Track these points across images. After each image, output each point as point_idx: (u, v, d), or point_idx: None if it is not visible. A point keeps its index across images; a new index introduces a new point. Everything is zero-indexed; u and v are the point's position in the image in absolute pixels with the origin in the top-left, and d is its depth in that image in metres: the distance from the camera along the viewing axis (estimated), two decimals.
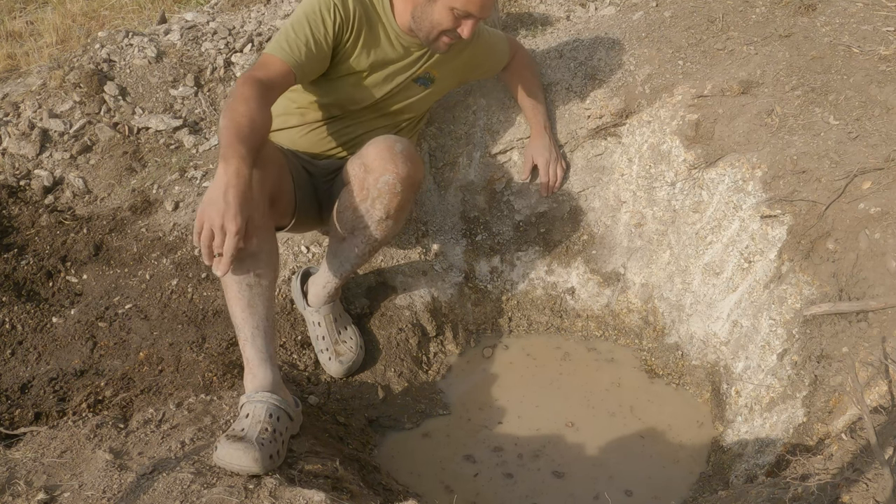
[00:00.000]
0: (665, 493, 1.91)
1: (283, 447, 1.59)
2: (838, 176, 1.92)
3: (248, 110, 1.64)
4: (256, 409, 1.58)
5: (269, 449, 1.52)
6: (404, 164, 1.83)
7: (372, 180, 1.83)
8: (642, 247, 2.41)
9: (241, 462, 1.47)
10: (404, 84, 2.10)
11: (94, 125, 2.64)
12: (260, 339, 1.65)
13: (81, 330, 2.12)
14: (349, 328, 2.17)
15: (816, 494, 1.33)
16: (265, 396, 1.61)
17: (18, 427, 1.80)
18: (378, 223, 1.89)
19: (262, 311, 1.66)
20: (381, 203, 1.85)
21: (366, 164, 1.85)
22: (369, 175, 1.84)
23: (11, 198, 2.47)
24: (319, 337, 2.12)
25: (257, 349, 1.65)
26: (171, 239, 2.37)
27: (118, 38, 2.86)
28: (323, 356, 2.12)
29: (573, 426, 2.10)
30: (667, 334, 2.31)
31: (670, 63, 2.42)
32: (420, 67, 2.10)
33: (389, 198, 1.84)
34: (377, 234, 1.92)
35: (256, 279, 1.65)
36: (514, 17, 2.91)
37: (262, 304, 1.66)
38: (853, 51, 2.28)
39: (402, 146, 1.86)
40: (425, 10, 1.92)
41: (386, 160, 1.82)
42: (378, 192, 1.84)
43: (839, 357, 1.72)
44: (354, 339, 2.15)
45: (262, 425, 1.55)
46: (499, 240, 2.50)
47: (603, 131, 2.46)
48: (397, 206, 1.86)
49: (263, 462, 1.48)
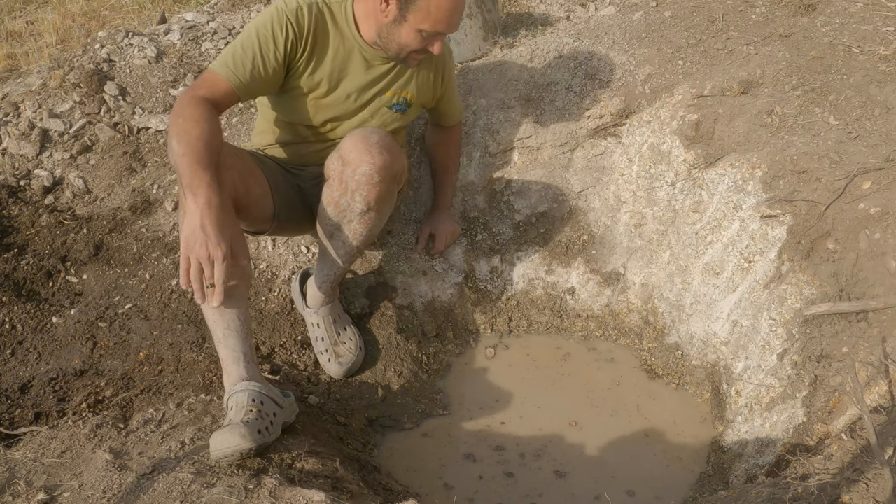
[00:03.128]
0: (666, 493, 1.91)
1: (274, 426, 1.58)
2: (838, 176, 1.92)
3: (202, 132, 1.60)
4: (238, 398, 1.59)
5: (255, 425, 1.51)
6: (380, 154, 1.81)
7: (349, 172, 1.82)
8: (642, 247, 2.41)
9: (230, 443, 1.47)
10: (378, 110, 2.04)
11: (94, 125, 2.64)
12: (232, 338, 1.66)
13: (81, 330, 2.12)
14: (349, 329, 2.17)
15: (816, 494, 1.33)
16: (243, 385, 1.61)
17: (18, 427, 1.80)
18: (360, 216, 1.88)
19: (232, 312, 1.66)
20: (360, 195, 1.84)
21: (342, 157, 1.84)
22: (346, 168, 1.83)
23: (11, 198, 2.47)
24: (319, 338, 2.12)
25: (230, 349, 1.66)
26: (171, 239, 2.37)
27: (118, 38, 2.86)
28: (322, 357, 2.12)
29: (576, 425, 2.10)
30: (667, 334, 2.31)
31: (670, 63, 2.42)
32: (387, 85, 2.02)
33: (368, 189, 1.83)
34: (361, 228, 1.91)
35: None
36: (514, 17, 2.91)
37: (232, 304, 1.66)
38: (853, 51, 2.28)
39: (378, 137, 1.84)
40: (392, 31, 1.87)
41: (361, 151, 1.81)
42: (356, 184, 1.83)
43: (839, 357, 1.72)
44: (354, 339, 2.15)
45: (246, 409, 1.55)
46: (499, 240, 2.50)
47: (603, 131, 2.46)
48: (377, 196, 1.85)
49: (252, 436, 1.48)
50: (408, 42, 1.88)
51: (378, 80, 2.01)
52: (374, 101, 2.03)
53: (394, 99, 2.05)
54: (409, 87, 2.07)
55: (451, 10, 1.83)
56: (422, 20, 1.82)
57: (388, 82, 2.03)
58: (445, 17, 1.83)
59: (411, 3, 1.80)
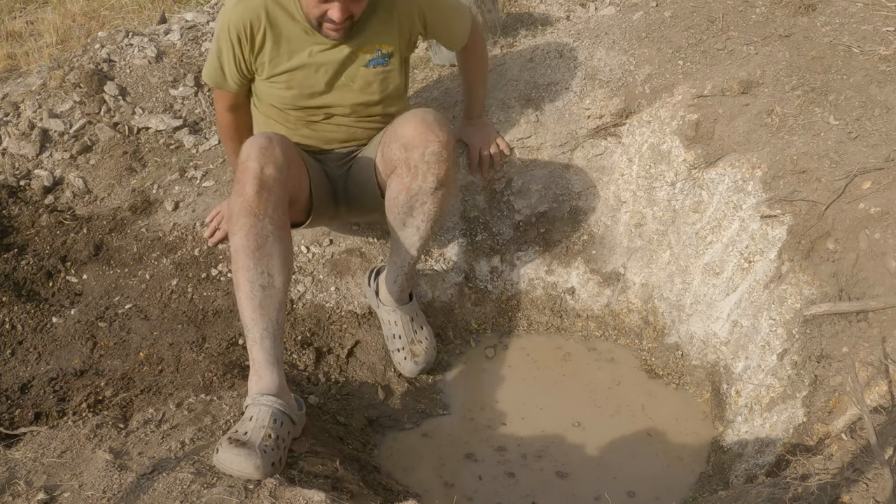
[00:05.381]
0: (667, 493, 1.91)
1: (285, 453, 1.59)
2: (838, 176, 1.92)
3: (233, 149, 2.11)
4: (261, 413, 1.57)
5: (271, 456, 1.50)
6: (441, 130, 1.86)
7: (418, 155, 1.86)
8: (642, 247, 2.41)
9: (242, 468, 1.46)
10: (356, 74, 2.00)
11: (94, 125, 2.64)
12: (269, 341, 1.64)
13: (81, 330, 2.12)
14: (425, 328, 2.19)
15: (816, 494, 1.33)
16: (270, 401, 1.59)
17: (18, 427, 1.80)
18: (433, 194, 1.91)
19: (272, 314, 1.65)
20: (432, 174, 1.87)
21: (405, 144, 1.87)
22: (413, 152, 1.86)
23: (11, 198, 2.47)
24: (396, 336, 2.13)
25: (265, 351, 1.64)
26: (171, 239, 2.37)
27: (118, 38, 2.86)
28: (398, 355, 2.13)
29: (579, 426, 2.10)
30: (667, 334, 2.31)
31: (670, 63, 2.42)
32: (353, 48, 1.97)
33: (438, 166, 1.87)
34: (434, 208, 1.94)
35: (269, 280, 1.65)
36: (514, 17, 2.91)
37: (272, 306, 1.65)
38: (853, 51, 2.28)
39: (434, 115, 1.89)
40: (300, 4, 1.87)
41: (424, 132, 1.85)
42: (427, 165, 1.86)
43: (839, 357, 1.72)
44: (430, 339, 2.17)
45: (266, 431, 1.53)
46: (499, 240, 2.50)
47: (603, 131, 2.46)
48: (446, 171, 1.88)
49: (265, 469, 1.47)
50: (307, 8, 1.85)
51: (339, 46, 1.96)
52: (349, 68, 1.99)
53: (367, 56, 2.00)
54: (379, 39, 2.00)
55: None
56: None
57: (353, 45, 1.97)
58: None
59: None
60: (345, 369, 2.17)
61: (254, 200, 1.67)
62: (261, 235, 1.66)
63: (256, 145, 1.72)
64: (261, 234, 1.66)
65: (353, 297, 2.29)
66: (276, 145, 1.73)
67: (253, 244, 1.66)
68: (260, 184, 1.68)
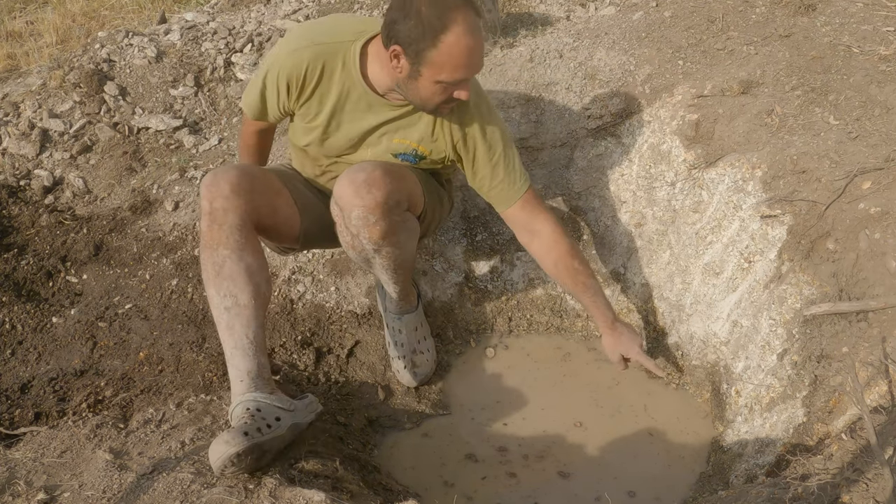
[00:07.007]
0: (667, 493, 1.91)
1: (273, 428, 1.56)
2: (838, 176, 1.92)
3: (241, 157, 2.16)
4: (237, 412, 1.59)
5: (242, 429, 1.49)
6: (368, 192, 1.71)
7: (346, 218, 1.78)
8: (642, 247, 2.41)
9: (218, 453, 1.45)
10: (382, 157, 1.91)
11: (94, 125, 2.64)
12: (238, 357, 1.65)
13: (81, 330, 2.12)
14: (428, 339, 2.20)
15: (816, 494, 1.33)
16: (240, 398, 1.61)
17: (18, 427, 1.80)
18: (376, 252, 1.84)
19: (240, 331, 1.66)
20: (364, 237, 1.79)
21: (338, 204, 1.79)
22: (343, 213, 1.78)
23: (11, 198, 2.48)
24: (399, 343, 2.14)
25: (235, 367, 1.66)
26: (171, 239, 2.37)
27: (118, 38, 2.86)
28: (398, 363, 2.14)
29: (581, 426, 2.10)
30: (667, 334, 2.31)
31: (670, 63, 2.42)
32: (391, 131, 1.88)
33: (368, 230, 1.76)
34: (385, 261, 1.88)
35: (233, 300, 1.67)
36: (514, 17, 2.91)
37: (240, 323, 1.66)
38: (853, 51, 2.28)
39: (365, 174, 1.72)
40: (409, 87, 1.73)
41: (350, 195, 1.73)
42: (356, 228, 1.77)
43: (839, 357, 1.72)
44: (431, 351, 2.19)
45: (242, 419, 1.54)
46: (499, 240, 2.50)
47: (603, 131, 2.46)
48: (381, 234, 1.77)
49: (236, 439, 1.45)
50: (429, 96, 1.73)
51: (381, 125, 1.87)
52: (377, 147, 1.91)
53: (400, 148, 1.90)
54: (418, 139, 1.90)
55: (468, 53, 1.65)
56: (437, 72, 1.66)
57: (393, 128, 1.88)
58: (464, 62, 1.66)
59: (422, 56, 1.64)
60: (345, 369, 2.17)
61: (206, 235, 1.71)
62: (216, 263, 1.69)
63: (205, 183, 1.74)
64: (216, 262, 1.69)
65: (353, 297, 2.29)
66: (221, 179, 1.72)
67: (212, 273, 1.69)
68: (210, 218, 1.71)
